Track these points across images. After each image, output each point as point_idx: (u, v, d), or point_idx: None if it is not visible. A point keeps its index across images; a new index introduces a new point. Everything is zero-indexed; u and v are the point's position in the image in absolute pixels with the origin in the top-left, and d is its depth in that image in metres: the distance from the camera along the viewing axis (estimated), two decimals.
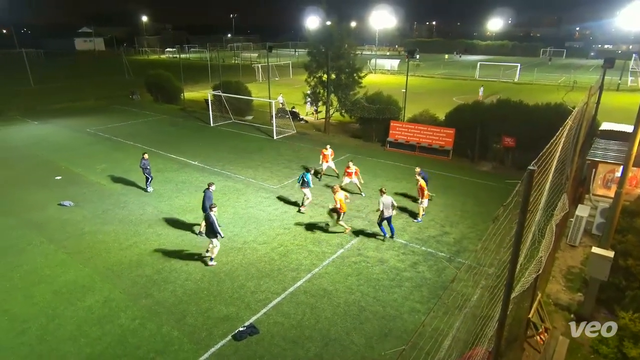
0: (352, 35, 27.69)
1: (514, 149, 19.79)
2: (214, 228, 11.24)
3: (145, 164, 16.39)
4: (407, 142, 22.75)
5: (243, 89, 31.53)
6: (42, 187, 17.40)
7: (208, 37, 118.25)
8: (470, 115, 20.91)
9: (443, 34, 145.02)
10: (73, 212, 15.08)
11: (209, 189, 13.13)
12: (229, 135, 26.54)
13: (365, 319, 9.59)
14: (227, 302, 10.14)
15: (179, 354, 8.54)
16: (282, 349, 8.70)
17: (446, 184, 18.03)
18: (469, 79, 54.78)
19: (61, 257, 12.12)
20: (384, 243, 12.97)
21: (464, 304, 9.57)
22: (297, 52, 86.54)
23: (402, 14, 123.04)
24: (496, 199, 16.25)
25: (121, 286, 10.73)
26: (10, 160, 21.07)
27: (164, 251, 12.41)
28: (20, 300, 10.17)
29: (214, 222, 11.24)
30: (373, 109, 23.93)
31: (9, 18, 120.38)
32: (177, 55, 48.85)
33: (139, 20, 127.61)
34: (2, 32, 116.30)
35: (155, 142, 24.22)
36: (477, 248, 12.28)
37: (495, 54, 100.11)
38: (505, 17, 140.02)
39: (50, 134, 26.47)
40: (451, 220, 14.59)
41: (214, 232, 11.30)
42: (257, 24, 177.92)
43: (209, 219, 11.27)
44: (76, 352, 8.54)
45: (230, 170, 19.53)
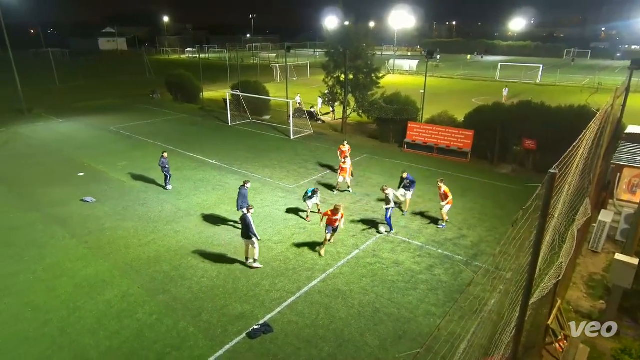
0: (370, 36, 27.58)
1: (534, 151, 19.38)
2: (251, 229, 11.02)
3: (164, 162, 16.68)
4: (424, 144, 22.53)
5: (261, 88, 31.76)
6: (65, 183, 17.89)
7: (228, 37, 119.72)
8: (490, 116, 20.55)
9: (463, 34, 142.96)
10: (94, 208, 15.45)
11: (244, 187, 13.24)
12: (247, 134, 26.77)
13: (380, 321, 9.54)
14: (242, 300, 10.23)
15: (194, 350, 8.66)
16: (296, 348, 8.72)
17: (464, 186, 17.78)
18: (489, 80, 53.90)
19: (82, 251, 12.44)
20: (399, 245, 12.87)
21: (481, 309, 9.42)
22: (315, 52, 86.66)
23: (422, 14, 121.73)
24: (516, 202, 15.95)
25: (139, 281, 10.94)
26: (37, 156, 21.74)
27: (182, 248, 12.60)
28: (43, 293, 10.47)
29: (251, 223, 11.03)
30: (391, 110, 23.78)
31: (37, 19, 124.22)
32: (197, 55, 49.52)
33: (161, 20, 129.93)
34: (30, 32, 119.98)
35: (175, 141, 24.61)
36: (495, 252, 12.07)
37: (517, 54, 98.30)
38: (528, 17, 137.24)
39: (73, 132, 27.20)
40: (469, 223, 14.38)
41: (251, 233, 11.10)
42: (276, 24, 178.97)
43: (245, 220, 11.08)
44: (95, 345, 8.75)
45: (247, 170, 19.69)
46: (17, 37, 40.80)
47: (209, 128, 28.55)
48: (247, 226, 11.07)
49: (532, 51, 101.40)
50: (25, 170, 19.60)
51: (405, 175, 14.85)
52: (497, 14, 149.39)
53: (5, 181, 18.14)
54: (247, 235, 11.16)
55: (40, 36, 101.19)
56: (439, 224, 14.15)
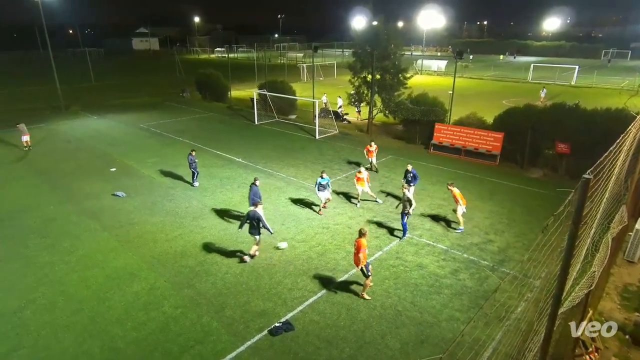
0: (398, 36, 27.28)
1: (568, 155, 18.69)
2: (263, 224, 11.42)
3: (192, 160, 17.05)
4: (452, 146, 22.12)
5: (288, 88, 31.98)
6: (98, 177, 18.56)
7: (256, 37, 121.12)
8: (522, 118, 19.95)
9: (494, 34, 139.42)
10: (125, 202, 15.96)
11: (254, 184, 13.54)
12: (273, 133, 27.02)
13: (402, 324, 9.43)
14: (264, 297, 10.34)
15: (217, 344, 8.81)
16: (316, 348, 8.74)
17: (492, 190, 17.35)
18: (520, 81, 52.36)
19: (113, 244, 12.87)
20: (423, 248, 12.69)
21: (507, 316, 9.19)
22: (344, 52, 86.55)
23: (452, 13, 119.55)
24: (546, 208, 15.44)
25: (166, 275, 11.23)
26: (74, 151, 22.65)
27: (207, 244, 12.84)
28: (76, 282, 10.90)
29: (262, 218, 11.43)
30: (417, 111, 23.47)
31: (75, 20, 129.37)
32: (226, 54, 50.39)
33: (192, 20, 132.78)
34: (68, 32, 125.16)
35: (202, 139, 25.12)
36: (523, 258, 11.73)
37: (551, 55, 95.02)
38: (563, 16, 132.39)
39: (107, 128, 28.18)
40: (496, 228, 14.03)
41: (264, 227, 11.48)
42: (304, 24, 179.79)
43: (255, 216, 11.39)
44: (123, 335, 9.04)
45: (272, 168, 19.88)
46: (56, 37, 42.59)
47: (236, 127, 28.98)
48: (258, 221, 11.37)
49: (567, 52, 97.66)
50: (62, 164, 20.46)
51: (410, 169, 15.41)
52: (531, 14, 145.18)
53: (45, 174, 18.99)
54: (253, 232, 11.53)
55: (77, 36, 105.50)
56: (456, 229, 13.86)
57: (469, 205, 15.78)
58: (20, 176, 18.82)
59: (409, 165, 15.74)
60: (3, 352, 8.59)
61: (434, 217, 14.84)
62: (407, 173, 15.56)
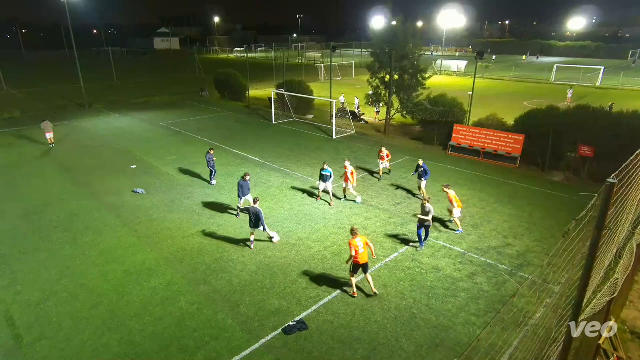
0: (417, 35, 27.05)
1: (591, 159, 18.20)
2: (262, 222, 12.04)
3: (210, 158, 17.26)
4: (470, 147, 21.80)
5: (305, 88, 32.07)
6: (120, 174, 18.98)
7: (275, 37, 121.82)
8: (544, 121, 19.51)
9: (517, 34, 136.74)
10: (145, 199, 16.27)
11: (244, 179, 14.29)
12: (290, 133, 27.13)
13: (416, 327, 9.35)
14: (279, 296, 10.39)
15: (231, 341, 8.90)
16: (330, 348, 8.74)
17: (512, 193, 17.03)
18: (543, 82, 51.25)
19: (132, 240, 13.14)
20: (440, 250, 12.55)
21: (525, 322, 9.01)
22: (362, 52, 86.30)
23: (473, 13, 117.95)
24: (568, 212, 15.08)
25: (183, 271, 11.40)
26: (97, 148, 23.22)
27: (223, 241, 12.99)
28: (96, 276, 11.18)
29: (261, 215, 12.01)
30: (436, 111, 23.22)
31: (100, 20, 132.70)
32: (245, 54, 50.87)
33: (212, 21, 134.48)
34: (93, 32, 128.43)
35: (220, 138, 25.41)
36: (543, 263, 11.48)
37: (575, 55, 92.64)
38: (589, 15, 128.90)
39: (128, 126, 28.78)
40: (515, 232, 13.76)
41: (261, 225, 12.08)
42: (322, 24, 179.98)
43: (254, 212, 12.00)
44: (141, 329, 9.23)
45: (289, 168, 19.96)
46: (81, 37, 43.85)
47: (254, 126, 29.21)
48: (257, 217, 11.89)
49: (592, 52, 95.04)
50: (85, 161, 21.00)
51: (421, 163, 15.91)
52: (555, 13, 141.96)
53: (68, 170, 19.53)
54: (257, 225, 12.07)
55: (102, 36, 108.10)
56: (455, 230, 13.73)
57: (488, 208, 15.57)
58: (46, 172, 19.40)
59: (420, 160, 16.18)
60: (28, 341, 8.87)
61: (451, 219, 14.64)
62: (418, 167, 16.07)
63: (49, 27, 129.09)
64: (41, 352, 8.60)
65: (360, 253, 9.99)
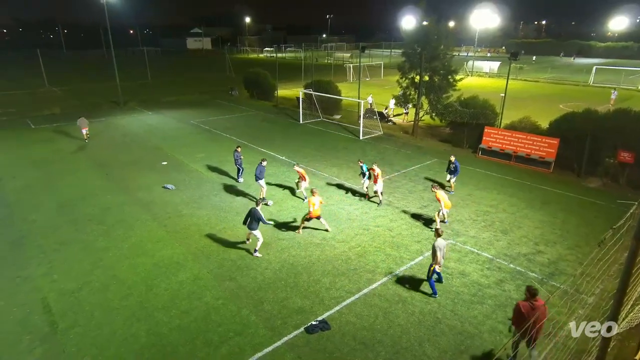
0: (449, 36, 26.54)
1: (631, 165, 17.35)
2: (262, 220, 11.88)
3: (238, 156, 17.54)
4: (501, 151, 21.22)
5: (333, 88, 32.06)
6: (151, 170, 19.57)
7: (304, 37, 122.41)
8: (580, 124, 18.73)
9: (554, 34, 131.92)
10: (174, 194, 16.71)
11: (261, 164, 15.52)
12: (317, 133, 27.21)
13: (441, 332, 9.18)
14: (302, 294, 10.44)
15: (255, 337, 9.01)
16: (351, 349, 8.71)
17: (544, 198, 16.46)
18: (580, 84, 49.27)
19: (161, 234, 13.52)
20: (467, 255, 12.28)
21: (555, 333, 8.69)
22: (392, 52, 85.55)
23: (507, 12, 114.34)
24: (604, 220, 14.44)
25: (209, 267, 11.64)
26: (130, 145, 24.05)
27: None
28: (127, 269, 11.57)
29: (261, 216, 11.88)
30: (466, 113, 22.72)
31: (135, 20, 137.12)
32: (274, 54, 51.41)
33: (243, 21, 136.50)
34: (129, 32, 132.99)
35: (248, 136, 25.77)
36: (576, 272, 11.03)
37: (616, 57, 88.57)
38: (632, 15, 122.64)
39: (160, 124, 29.64)
40: (547, 239, 13.29)
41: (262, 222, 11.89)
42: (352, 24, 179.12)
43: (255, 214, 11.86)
44: (167, 321, 9.48)
45: (315, 167, 20.02)
46: (118, 37, 45.49)
47: (281, 125, 29.47)
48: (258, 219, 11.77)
49: (635, 53, 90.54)
50: (119, 156, 21.78)
51: (453, 160, 16.58)
52: (595, 13, 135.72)
53: (103, 165, 20.31)
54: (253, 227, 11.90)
55: (137, 36, 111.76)
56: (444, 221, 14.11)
57: (518, 213, 15.11)
58: (81, 166, 20.24)
59: (452, 156, 16.75)
60: (62, 328, 9.29)
61: (480, 223, 14.31)
62: (450, 164, 16.69)
63: (88, 28, 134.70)
64: (74, 339, 8.98)
65: (315, 209, 12.81)
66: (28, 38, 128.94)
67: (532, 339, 7.42)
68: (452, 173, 16.66)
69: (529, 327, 6.92)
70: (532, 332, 7.22)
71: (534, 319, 6.95)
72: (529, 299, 7.51)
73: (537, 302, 7.41)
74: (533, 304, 7.43)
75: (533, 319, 6.94)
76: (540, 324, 7.35)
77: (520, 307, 7.48)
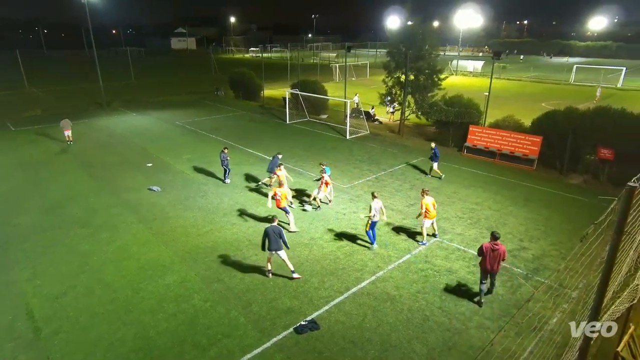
0: (434, 36, 26.78)
1: (611, 162, 17.78)
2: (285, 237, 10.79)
3: (224, 157, 17.42)
4: (486, 149, 21.53)
5: (320, 88, 32.07)
6: (137, 171, 19.30)
7: (290, 37, 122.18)
8: (562, 122, 19.13)
9: (535, 34, 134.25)
10: (160, 196, 16.51)
11: (277, 157, 16.41)
12: (304, 132, 27.19)
13: (429, 329, 9.28)
14: (291, 295, 10.43)
15: (244, 339, 8.97)
16: (341, 348, 8.74)
17: (528, 195, 16.76)
18: (562, 83, 50.27)
19: (147, 236, 13.35)
20: (454, 252, 12.42)
21: (541, 327, 8.86)
22: (377, 52, 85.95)
23: (490, 12, 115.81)
24: (586, 216, 14.77)
25: (196, 269, 11.53)
26: (115, 146, 23.66)
27: (236, 240, 13.09)
28: (112, 272, 11.39)
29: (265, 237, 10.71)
30: (451, 112, 22.98)
31: (118, 20, 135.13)
32: (260, 54, 51.21)
33: (228, 21, 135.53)
34: (112, 32, 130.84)
35: (235, 137, 25.61)
36: (560, 267, 11.27)
37: (596, 56, 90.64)
38: (611, 15, 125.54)
39: (145, 125, 29.24)
40: (531, 235, 13.54)
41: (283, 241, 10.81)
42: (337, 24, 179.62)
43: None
44: (155, 325, 9.37)
45: (302, 167, 20.01)
46: (100, 37, 44.75)
47: (268, 125, 29.36)
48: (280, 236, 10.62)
49: (613, 52, 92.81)
50: (104, 158, 21.41)
51: (433, 146, 18.05)
52: (575, 13, 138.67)
53: (88, 167, 19.94)
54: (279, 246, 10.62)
55: (120, 36, 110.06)
56: (419, 241, 12.97)
57: (503, 211, 15.36)
58: (66, 168, 19.84)
59: (432, 143, 18.49)
60: (47, 333, 9.10)
61: (466, 221, 14.49)
62: (432, 150, 18.15)
63: (69, 27, 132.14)
64: (58, 345, 8.81)
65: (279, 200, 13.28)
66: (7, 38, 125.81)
67: (494, 271, 9.68)
68: (432, 159, 18.19)
69: (487, 260, 9.42)
70: (494, 266, 9.54)
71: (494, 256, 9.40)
72: (492, 241, 9.51)
73: (497, 245, 9.46)
74: (494, 246, 9.46)
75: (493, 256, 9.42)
76: (498, 259, 9.52)
77: (483, 246, 9.57)
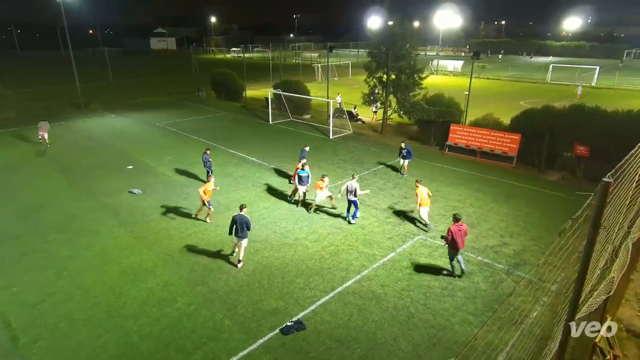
0: (414, 36, 27.08)
1: (587, 158, 18.29)
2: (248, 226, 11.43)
3: (206, 159, 17.22)
4: (467, 147, 21.87)
5: (302, 88, 32.05)
6: (117, 174, 18.91)
7: (272, 37, 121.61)
8: (540, 120, 19.59)
9: (513, 34, 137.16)
10: (141, 199, 16.21)
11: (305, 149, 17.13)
12: (287, 133, 27.11)
13: (414, 326, 9.37)
14: (276, 296, 10.39)
15: (229, 341, 8.89)
16: (327, 347, 8.75)
17: (508, 192, 17.10)
18: (539, 82, 51.48)
19: (129, 240, 13.09)
20: (437, 250, 12.58)
21: (522, 321, 9.05)
22: (359, 52, 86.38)
23: (469, 13, 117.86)
24: (564, 211, 15.14)
25: (180, 272, 11.37)
26: (93, 149, 23.12)
27: (220, 242, 12.96)
28: (93, 277, 11.12)
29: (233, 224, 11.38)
30: (433, 111, 23.28)
31: (96, 20, 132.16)
32: (242, 54, 50.82)
33: (208, 21, 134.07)
34: (89, 32, 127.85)
35: (217, 138, 25.35)
36: (539, 262, 11.53)
37: (570, 55, 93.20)
38: (584, 15, 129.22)
39: (124, 126, 28.67)
40: (511, 231, 13.82)
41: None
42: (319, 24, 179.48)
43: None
44: (137, 330, 9.20)
45: (286, 168, 19.94)
46: (76, 37, 43.66)
47: (251, 126, 29.17)
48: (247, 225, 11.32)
49: (587, 52, 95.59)
50: (82, 161, 20.90)
51: (404, 146, 18.42)
52: (551, 13, 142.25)
53: (65, 170, 19.43)
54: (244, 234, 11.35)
55: (97, 36, 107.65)
56: (427, 228, 13.88)
57: (484, 207, 15.63)
58: (42, 172, 19.28)
59: (403, 143, 18.72)
60: (24, 343, 8.82)
61: (449, 218, 14.68)
62: (401, 150, 18.36)
63: (44, 27, 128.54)
64: (37, 353, 8.56)
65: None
66: None
67: (461, 247, 10.87)
68: (404, 158, 18.46)
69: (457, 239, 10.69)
70: (461, 243, 10.77)
71: (461, 234, 10.75)
72: (455, 223, 10.86)
73: (461, 225, 10.86)
74: (459, 226, 10.80)
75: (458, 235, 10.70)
76: (463, 237, 10.85)
77: (451, 229, 10.75)
